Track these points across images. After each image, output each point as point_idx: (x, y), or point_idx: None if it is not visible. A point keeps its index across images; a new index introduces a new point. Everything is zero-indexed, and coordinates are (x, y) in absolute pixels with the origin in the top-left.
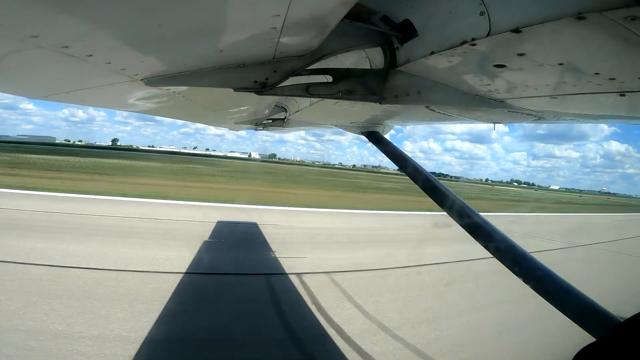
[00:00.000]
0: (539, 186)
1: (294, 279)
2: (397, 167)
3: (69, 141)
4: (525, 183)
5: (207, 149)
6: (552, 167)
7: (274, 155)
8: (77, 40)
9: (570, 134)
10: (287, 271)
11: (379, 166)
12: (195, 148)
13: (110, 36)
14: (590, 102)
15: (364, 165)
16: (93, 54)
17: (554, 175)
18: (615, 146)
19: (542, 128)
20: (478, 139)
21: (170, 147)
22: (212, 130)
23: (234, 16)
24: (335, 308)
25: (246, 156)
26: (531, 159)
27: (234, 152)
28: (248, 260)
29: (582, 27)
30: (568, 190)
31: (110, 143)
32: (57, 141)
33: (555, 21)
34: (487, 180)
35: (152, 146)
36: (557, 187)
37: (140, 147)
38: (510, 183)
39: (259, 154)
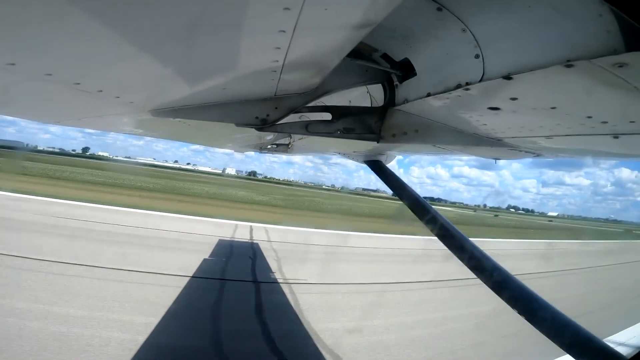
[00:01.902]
0: (541, 213)
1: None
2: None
3: (53, 148)
4: (523, 209)
5: (188, 163)
6: (562, 195)
7: (254, 173)
8: (88, 77)
9: (579, 161)
10: None
11: (377, 189)
12: (176, 162)
13: (119, 74)
14: (586, 143)
15: (355, 188)
16: (103, 89)
17: (565, 203)
18: (626, 173)
19: None
20: (485, 165)
21: (150, 159)
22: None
23: (236, 56)
24: None
25: (219, 171)
26: (541, 187)
27: (228, 167)
28: None
29: (571, 74)
30: (570, 217)
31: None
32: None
33: (544, 68)
34: (485, 205)
35: (129, 157)
36: (555, 214)
37: (115, 157)
38: (507, 209)
39: (236, 171)
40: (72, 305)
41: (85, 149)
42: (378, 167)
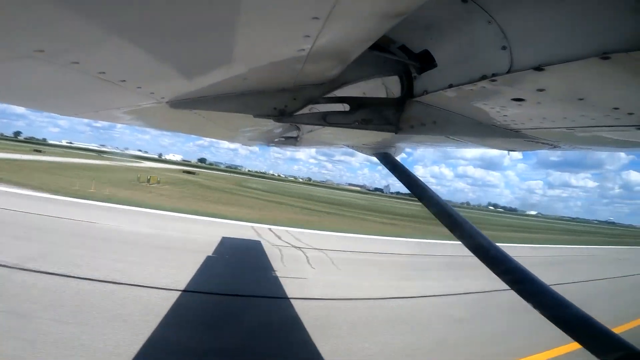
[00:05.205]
0: (521, 212)
1: None
2: (408, 190)
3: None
4: (503, 207)
5: (160, 154)
6: (568, 197)
7: (203, 160)
8: (113, 66)
9: (586, 162)
10: None
11: (374, 188)
12: (145, 152)
13: (143, 63)
14: (607, 134)
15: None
16: (126, 79)
17: (571, 205)
18: (634, 176)
19: (557, 155)
20: (490, 165)
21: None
22: (225, 144)
23: (264, 44)
24: None
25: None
26: (547, 188)
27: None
28: None
29: (606, 66)
30: (543, 216)
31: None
32: None
33: (579, 60)
34: (468, 203)
35: (71, 142)
36: (534, 213)
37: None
38: (486, 207)
39: (183, 159)
40: None
41: (17, 133)
42: (388, 160)
